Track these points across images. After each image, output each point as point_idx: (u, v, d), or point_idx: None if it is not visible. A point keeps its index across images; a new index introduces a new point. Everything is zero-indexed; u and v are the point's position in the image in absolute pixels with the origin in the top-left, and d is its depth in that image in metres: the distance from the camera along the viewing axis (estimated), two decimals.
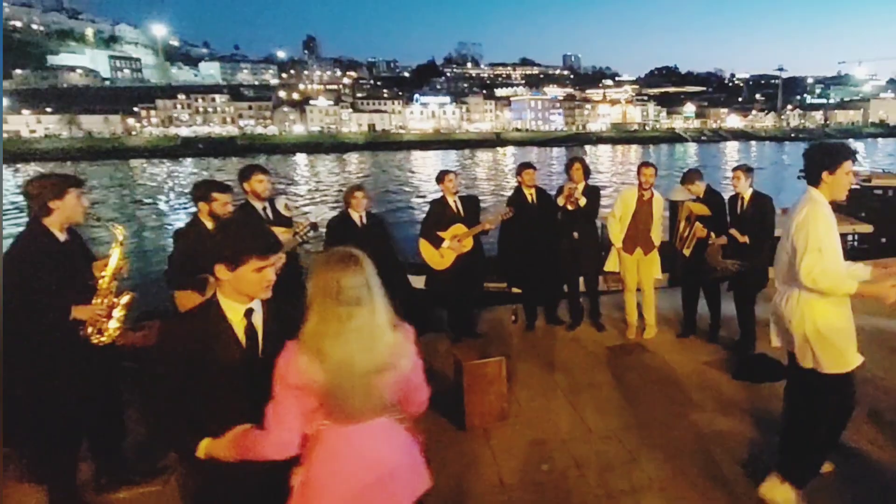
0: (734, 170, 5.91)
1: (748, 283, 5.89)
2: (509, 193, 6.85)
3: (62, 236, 3.36)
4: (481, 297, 6.99)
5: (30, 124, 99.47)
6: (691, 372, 5.52)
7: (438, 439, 4.24)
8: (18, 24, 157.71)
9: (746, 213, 5.77)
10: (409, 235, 14.17)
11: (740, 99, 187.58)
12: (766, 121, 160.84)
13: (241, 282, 2.13)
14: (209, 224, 4.41)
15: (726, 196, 6.11)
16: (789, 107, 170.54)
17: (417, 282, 10.90)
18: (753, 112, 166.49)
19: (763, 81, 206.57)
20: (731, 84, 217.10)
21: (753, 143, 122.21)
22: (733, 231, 5.80)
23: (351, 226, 5.51)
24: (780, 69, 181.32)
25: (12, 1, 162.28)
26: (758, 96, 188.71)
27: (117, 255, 3.46)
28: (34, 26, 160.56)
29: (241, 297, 2.19)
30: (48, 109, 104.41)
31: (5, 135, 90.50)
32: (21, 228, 3.29)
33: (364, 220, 5.61)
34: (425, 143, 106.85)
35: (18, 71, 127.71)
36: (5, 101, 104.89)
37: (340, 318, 1.95)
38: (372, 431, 2.10)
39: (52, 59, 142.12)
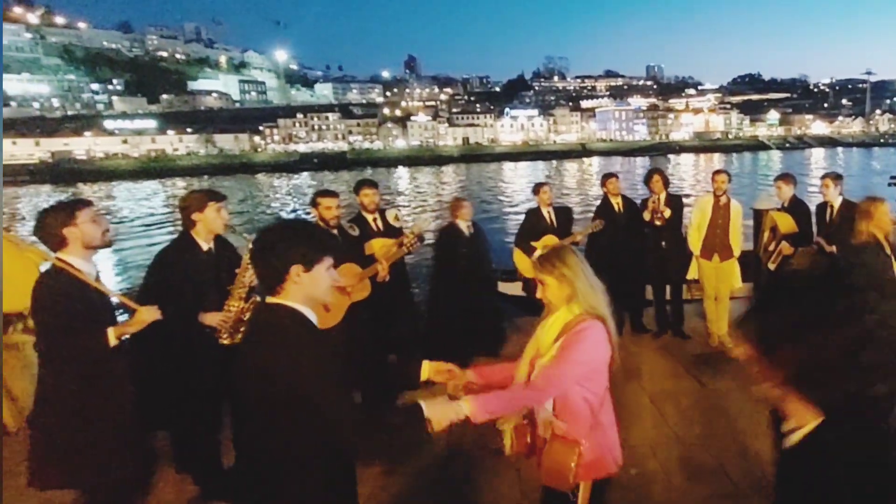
0: (822, 177, 5.53)
1: None
2: (596, 203, 6.75)
3: (206, 245, 3.48)
4: None
5: (173, 143, 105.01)
6: None
7: None
8: (164, 54, 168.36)
9: (835, 222, 5.32)
10: (503, 243, 14.12)
11: (826, 105, 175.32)
12: (854, 126, 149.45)
13: (318, 282, 1.88)
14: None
15: (812, 204, 5.76)
16: (878, 111, 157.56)
17: (511, 288, 10.82)
18: (840, 118, 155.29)
19: (850, 86, 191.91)
20: (816, 90, 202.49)
21: (840, 149, 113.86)
22: (820, 240, 5.44)
23: (459, 235, 5.60)
24: (868, 73, 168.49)
25: (160, 34, 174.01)
26: (844, 101, 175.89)
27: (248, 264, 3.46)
28: (178, 56, 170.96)
29: (314, 302, 1.92)
30: (188, 130, 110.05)
31: (154, 153, 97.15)
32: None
33: (471, 230, 5.71)
34: (515, 155, 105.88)
35: (165, 96, 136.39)
36: (154, 123, 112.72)
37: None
38: None
39: (192, 85, 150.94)
